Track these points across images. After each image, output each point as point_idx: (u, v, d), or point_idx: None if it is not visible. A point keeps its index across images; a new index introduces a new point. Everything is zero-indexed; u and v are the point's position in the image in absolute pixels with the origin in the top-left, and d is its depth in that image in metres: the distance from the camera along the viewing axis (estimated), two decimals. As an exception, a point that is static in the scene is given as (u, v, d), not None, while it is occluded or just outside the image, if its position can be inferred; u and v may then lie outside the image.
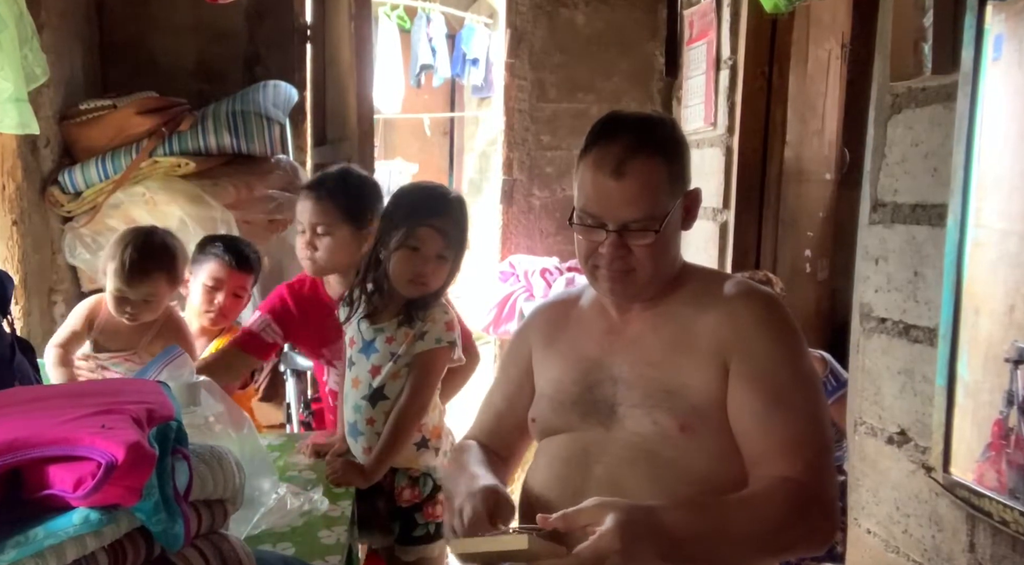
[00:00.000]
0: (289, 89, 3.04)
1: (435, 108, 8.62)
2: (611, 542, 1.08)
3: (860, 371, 1.79)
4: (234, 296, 2.34)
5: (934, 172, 1.55)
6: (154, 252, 2.05)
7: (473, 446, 1.49)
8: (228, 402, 1.55)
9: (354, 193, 2.05)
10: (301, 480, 1.74)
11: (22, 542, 0.82)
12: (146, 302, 2.04)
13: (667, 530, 1.13)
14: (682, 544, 1.14)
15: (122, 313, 2.05)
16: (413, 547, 1.90)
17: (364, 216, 2.03)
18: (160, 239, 2.10)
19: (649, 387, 1.31)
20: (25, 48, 2.17)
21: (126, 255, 2.00)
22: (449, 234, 1.80)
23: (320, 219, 2.02)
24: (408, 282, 1.80)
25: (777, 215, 3.00)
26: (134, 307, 2.04)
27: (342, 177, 2.08)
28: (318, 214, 2.02)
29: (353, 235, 2.03)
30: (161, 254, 2.06)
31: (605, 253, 1.30)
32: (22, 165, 2.51)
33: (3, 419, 0.92)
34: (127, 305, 2.04)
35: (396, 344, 1.82)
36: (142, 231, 2.13)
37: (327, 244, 2.02)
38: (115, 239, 2.10)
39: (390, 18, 6.59)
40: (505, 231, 4.11)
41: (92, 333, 2.10)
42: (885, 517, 1.69)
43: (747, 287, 1.36)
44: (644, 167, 1.27)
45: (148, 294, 2.04)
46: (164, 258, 2.07)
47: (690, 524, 1.15)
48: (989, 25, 1.35)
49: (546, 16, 3.94)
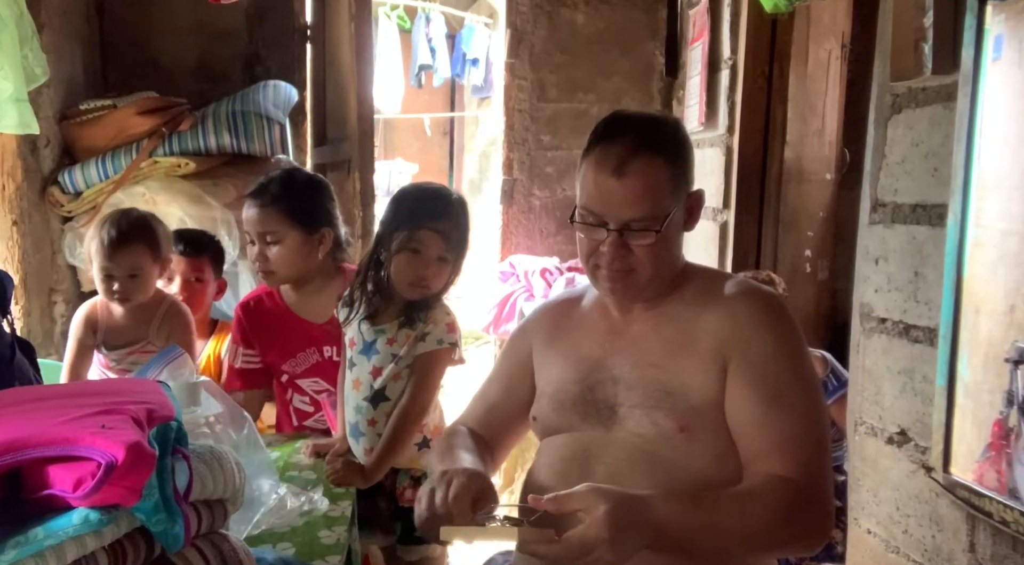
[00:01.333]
0: (289, 89, 3.03)
1: (435, 108, 8.63)
2: (599, 531, 1.08)
3: (860, 371, 1.78)
4: (196, 281, 2.32)
5: (934, 172, 1.54)
6: (133, 224, 2.04)
7: (463, 431, 1.49)
8: (228, 402, 1.55)
9: (300, 196, 1.99)
10: (301, 480, 1.74)
11: (22, 542, 0.82)
12: (132, 277, 2.02)
13: (657, 521, 1.13)
14: (672, 535, 1.14)
15: (111, 294, 2.03)
16: (415, 547, 1.91)
17: (313, 219, 1.99)
18: (138, 214, 2.10)
19: (649, 388, 1.31)
20: (25, 48, 2.17)
21: (104, 232, 2.00)
22: (450, 236, 1.79)
23: (267, 227, 1.97)
24: (409, 285, 1.79)
25: (777, 215, 3.00)
26: (121, 284, 2.01)
27: (286, 181, 2.01)
28: (265, 222, 1.97)
29: (304, 240, 1.98)
30: (140, 226, 2.05)
31: (606, 252, 1.30)
32: (22, 165, 2.51)
33: (3, 419, 0.92)
34: (114, 283, 2.01)
35: (397, 345, 1.81)
36: (120, 210, 2.14)
37: (278, 252, 1.97)
38: (94, 224, 2.11)
39: (390, 18, 6.60)
40: (505, 231, 4.12)
41: (98, 336, 2.09)
42: (885, 517, 1.68)
43: (747, 287, 1.36)
44: (646, 167, 1.27)
45: (133, 267, 2.01)
46: (143, 229, 2.05)
47: (681, 516, 1.15)
48: (989, 25, 1.35)
49: (546, 16, 3.95)
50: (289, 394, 2.11)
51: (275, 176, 2.03)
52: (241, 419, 1.54)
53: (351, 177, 3.21)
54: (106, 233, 2.00)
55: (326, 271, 2.07)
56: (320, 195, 2.05)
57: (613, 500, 1.11)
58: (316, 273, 2.05)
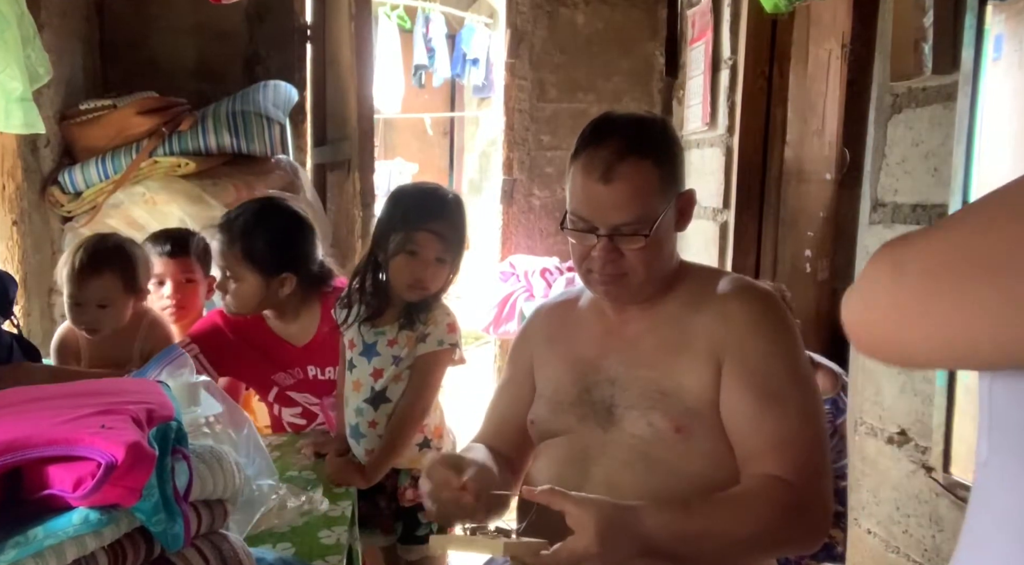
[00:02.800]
0: (289, 89, 3.04)
1: (435, 108, 8.63)
2: (589, 543, 1.08)
3: (860, 371, 1.79)
4: (186, 282, 2.25)
5: (934, 172, 1.55)
6: (105, 252, 1.93)
7: (477, 447, 1.48)
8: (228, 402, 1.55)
9: (265, 239, 1.89)
10: (301, 480, 1.74)
11: (22, 542, 0.82)
12: (101, 307, 1.91)
13: (647, 531, 1.12)
14: (663, 545, 1.14)
15: (79, 323, 1.93)
16: (416, 546, 1.91)
17: (273, 265, 1.89)
18: (114, 241, 1.98)
19: (645, 388, 1.30)
20: (28, 48, 2.17)
21: (76, 258, 1.90)
22: (447, 237, 1.78)
23: (226, 264, 1.90)
24: (408, 287, 1.78)
25: (777, 215, 3.00)
26: (89, 314, 1.91)
27: (253, 221, 1.90)
28: (222, 258, 1.91)
29: (263, 283, 1.90)
30: (113, 254, 1.94)
31: (597, 257, 1.29)
32: (22, 165, 2.52)
33: (3, 419, 0.92)
34: (82, 313, 1.91)
35: (398, 347, 1.81)
36: (97, 235, 2.02)
37: (236, 290, 1.90)
38: (69, 249, 1.98)
39: (390, 18, 6.60)
40: (505, 231, 4.12)
41: (83, 362, 2.00)
42: (885, 517, 1.68)
43: (742, 285, 1.36)
44: (633, 171, 1.25)
45: (102, 297, 1.90)
46: (116, 258, 1.94)
47: (672, 524, 1.15)
48: (989, 25, 1.35)
49: (546, 16, 3.95)
50: (277, 409, 2.08)
51: (246, 211, 1.93)
52: (241, 419, 1.54)
53: (351, 177, 3.21)
54: (78, 259, 1.90)
55: (302, 299, 1.98)
56: (289, 237, 1.94)
57: (604, 512, 1.11)
58: (290, 301, 1.96)
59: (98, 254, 1.92)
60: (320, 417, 2.07)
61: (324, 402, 2.04)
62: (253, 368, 2.03)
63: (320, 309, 1.99)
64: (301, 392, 2.05)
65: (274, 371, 2.02)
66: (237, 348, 1.99)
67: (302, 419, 2.08)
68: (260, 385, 2.08)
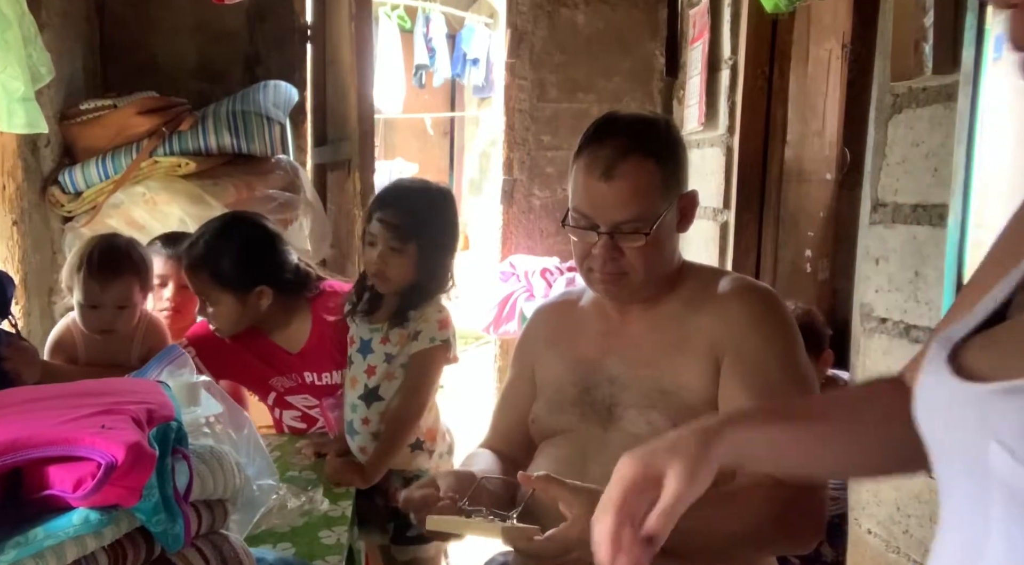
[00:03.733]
0: (289, 89, 3.04)
1: (435, 108, 8.63)
2: (580, 533, 1.08)
3: (860, 371, 1.78)
4: (185, 287, 2.17)
5: (935, 172, 1.54)
6: (121, 252, 1.90)
7: (484, 453, 1.47)
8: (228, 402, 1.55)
9: (229, 259, 1.85)
10: (301, 480, 1.74)
11: (22, 542, 0.82)
12: (120, 309, 1.87)
13: None
14: None
15: (96, 326, 1.88)
16: (407, 547, 1.91)
17: (244, 282, 1.86)
18: (124, 240, 1.97)
19: (644, 388, 1.30)
20: (30, 47, 2.17)
21: (94, 259, 1.86)
22: (398, 226, 1.76)
23: (196, 290, 1.90)
24: (373, 276, 1.82)
25: (777, 215, 3.00)
26: (108, 316, 1.87)
27: (212, 243, 1.87)
28: (194, 284, 1.90)
29: (238, 302, 1.87)
30: (128, 253, 1.92)
31: (598, 255, 1.29)
32: (22, 165, 2.51)
33: (3, 419, 0.92)
34: (100, 315, 1.87)
35: (391, 345, 1.82)
36: (101, 236, 1.99)
37: (213, 314, 1.89)
38: (74, 252, 1.95)
39: (390, 18, 6.60)
40: (505, 231, 4.12)
41: (79, 364, 1.94)
42: (886, 517, 1.68)
43: (742, 284, 1.36)
44: (635, 169, 1.26)
45: (122, 299, 1.87)
46: (132, 257, 1.92)
47: None
48: (990, 25, 1.35)
49: (546, 16, 3.95)
50: (278, 413, 2.08)
51: (205, 232, 1.91)
52: (241, 419, 1.54)
53: (351, 177, 3.21)
54: (96, 260, 1.86)
55: (286, 308, 1.96)
56: (254, 250, 1.89)
57: (596, 500, 1.11)
58: (273, 313, 1.94)
59: (115, 257, 1.89)
60: (320, 422, 2.06)
61: (323, 403, 2.04)
62: (250, 372, 2.02)
63: (310, 314, 1.97)
64: (299, 395, 2.04)
65: (271, 375, 2.01)
66: (234, 353, 1.98)
67: (302, 423, 2.07)
68: (258, 389, 2.08)
